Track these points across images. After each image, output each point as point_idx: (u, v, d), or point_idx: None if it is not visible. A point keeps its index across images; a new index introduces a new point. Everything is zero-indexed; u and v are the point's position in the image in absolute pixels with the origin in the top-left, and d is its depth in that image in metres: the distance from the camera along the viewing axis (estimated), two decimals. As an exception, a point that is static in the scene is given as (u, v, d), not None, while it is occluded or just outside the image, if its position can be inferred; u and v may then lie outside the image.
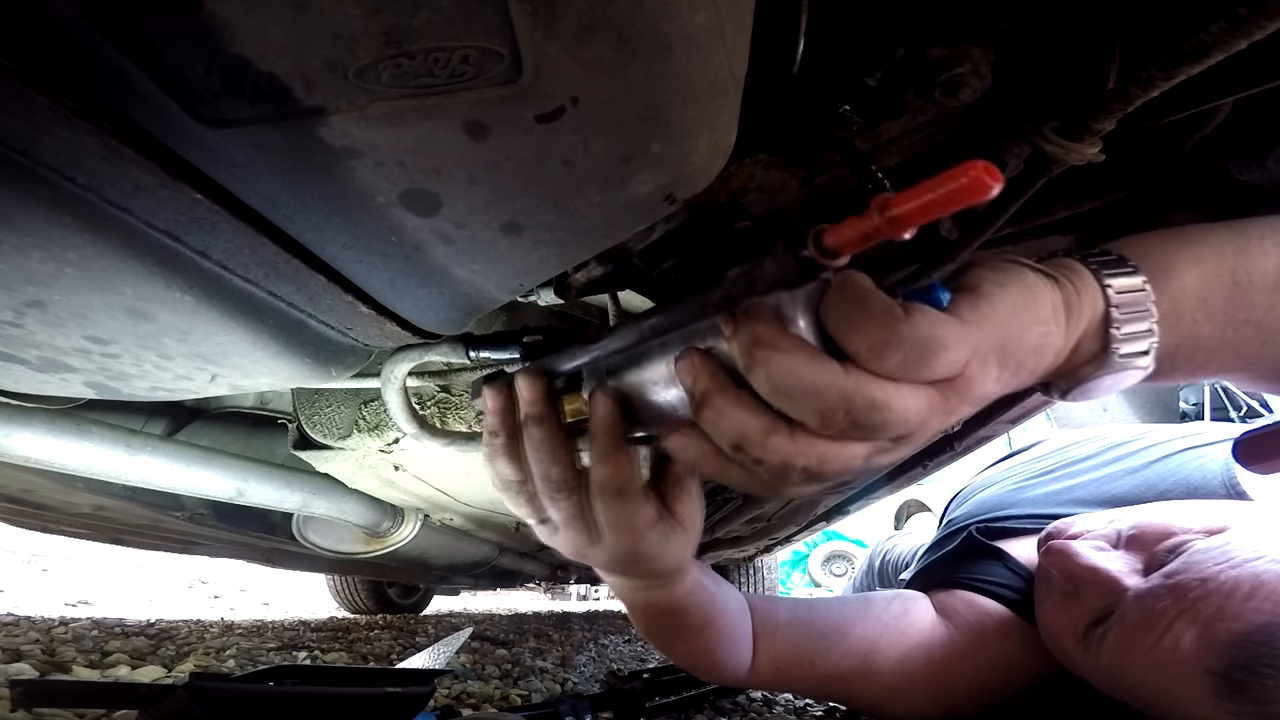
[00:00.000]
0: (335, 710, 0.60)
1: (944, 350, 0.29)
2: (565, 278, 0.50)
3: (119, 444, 0.76)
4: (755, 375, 0.30)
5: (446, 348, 0.57)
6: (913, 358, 0.28)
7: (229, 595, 3.99)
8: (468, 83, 0.24)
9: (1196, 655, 0.57)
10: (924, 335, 0.28)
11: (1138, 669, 0.62)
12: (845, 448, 0.31)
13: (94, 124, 0.26)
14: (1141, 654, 0.61)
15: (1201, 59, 0.32)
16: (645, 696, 0.91)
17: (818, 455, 0.30)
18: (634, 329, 0.37)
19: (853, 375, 0.29)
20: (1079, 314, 0.35)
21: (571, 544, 0.44)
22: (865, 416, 0.29)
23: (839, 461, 0.31)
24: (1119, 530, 0.72)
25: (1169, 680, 0.59)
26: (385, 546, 1.26)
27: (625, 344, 0.37)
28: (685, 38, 0.24)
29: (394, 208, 0.31)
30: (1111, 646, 0.64)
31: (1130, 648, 0.62)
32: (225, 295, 0.39)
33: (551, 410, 0.40)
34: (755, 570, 3.63)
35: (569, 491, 0.41)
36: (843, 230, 0.27)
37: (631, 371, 0.37)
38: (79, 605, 2.69)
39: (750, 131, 0.37)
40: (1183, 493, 0.83)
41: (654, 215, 0.35)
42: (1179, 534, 0.66)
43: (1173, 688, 0.59)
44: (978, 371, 0.31)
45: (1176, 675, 0.58)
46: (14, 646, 1.13)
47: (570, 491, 0.41)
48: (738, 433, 0.31)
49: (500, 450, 0.42)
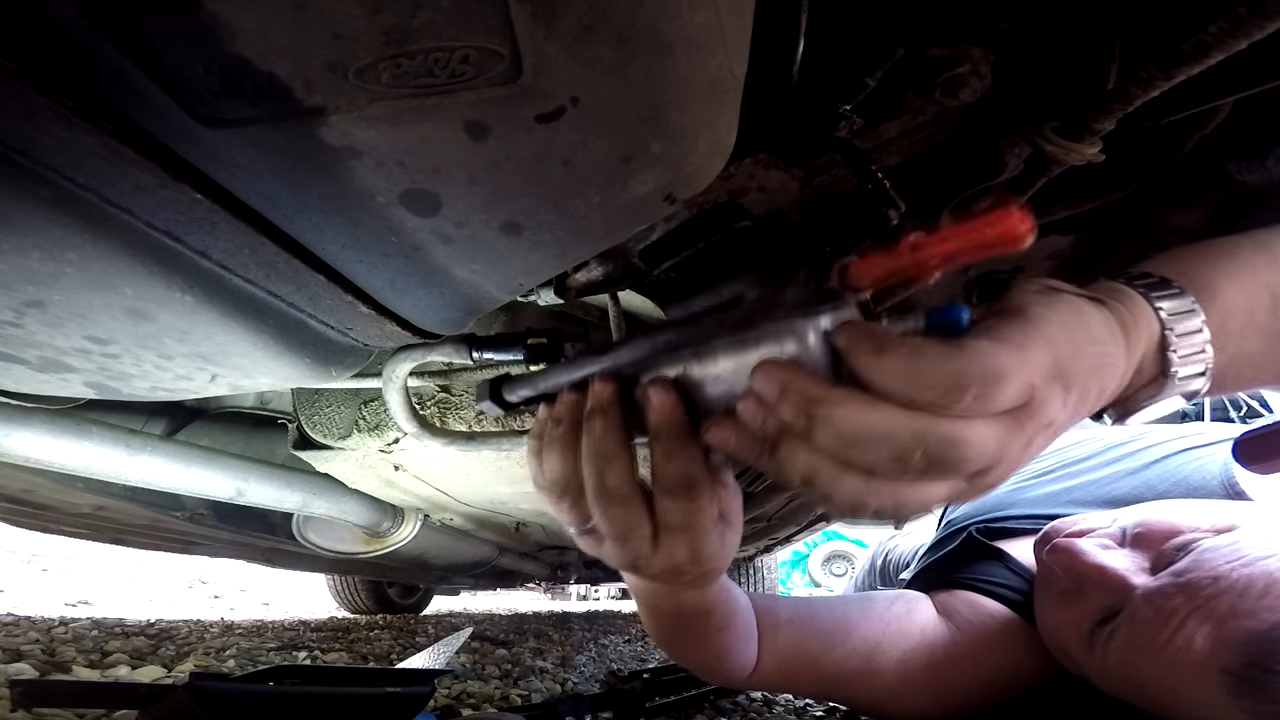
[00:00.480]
0: (335, 710, 0.60)
1: (1007, 379, 0.28)
2: (565, 278, 0.50)
3: (119, 444, 0.76)
4: (819, 433, 0.29)
5: (450, 348, 0.57)
6: (980, 393, 0.27)
7: (229, 595, 3.99)
8: (468, 83, 0.24)
9: (1210, 654, 0.56)
10: (986, 369, 0.27)
11: (1148, 668, 0.62)
12: (924, 489, 0.29)
13: (94, 124, 0.26)
14: (1152, 653, 0.60)
15: (1201, 59, 0.32)
16: (645, 696, 0.91)
17: (893, 498, 0.29)
18: (647, 343, 0.37)
19: (919, 416, 0.28)
20: (1137, 336, 0.35)
21: (625, 554, 0.40)
22: (944, 455, 0.28)
23: (917, 502, 0.30)
24: (1124, 528, 0.71)
25: (1181, 680, 0.59)
26: (385, 546, 1.26)
27: (641, 355, 0.37)
28: (685, 38, 0.24)
29: (394, 208, 0.31)
30: (1120, 645, 0.64)
31: (1140, 646, 0.62)
32: (225, 295, 0.39)
33: (620, 409, 0.38)
34: (755, 570, 3.64)
35: (625, 500, 0.38)
36: (870, 265, 0.27)
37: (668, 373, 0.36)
38: (79, 605, 2.69)
39: (750, 131, 0.37)
40: (1182, 493, 0.83)
41: (654, 215, 0.35)
42: (1186, 532, 0.66)
43: (1185, 687, 0.59)
44: (1044, 394, 0.30)
45: (1189, 674, 0.58)
46: (14, 646, 1.13)
47: (626, 499, 0.38)
48: (809, 471, 0.30)
49: (556, 442, 0.39)
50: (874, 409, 0.28)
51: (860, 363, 0.29)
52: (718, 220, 0.43)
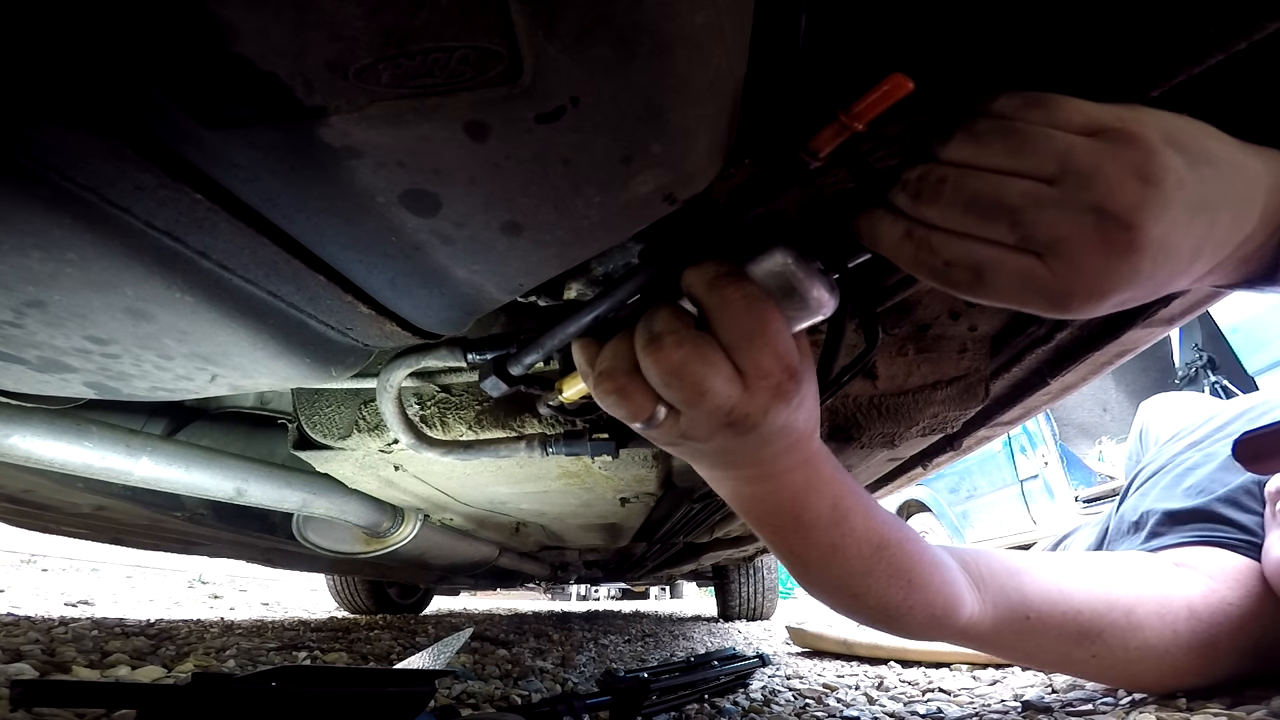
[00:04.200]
0: (336, 710, 0.60)
1: (1078, 107, 0.30)
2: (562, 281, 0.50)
3: (119, 444, 0.76)
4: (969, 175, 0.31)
5: (444, 351, 0.57)
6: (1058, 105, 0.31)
7: (229, 595, 3.99)
8: (467, 83, 0.24)
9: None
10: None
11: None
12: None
13: (94, 124, 0.26)
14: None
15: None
16: (642, 695, 0.90)
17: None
18: (645, 273, 0.38)
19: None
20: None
21: (712, 405, 0.37)
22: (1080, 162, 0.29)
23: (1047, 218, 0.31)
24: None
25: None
26: (385, 546, 1.26)
27: (643, 283, 0.38)
28: (685, 38, 0.24)
29: (394, 208, 0.31)
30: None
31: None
32: (225, 295, 0.39)
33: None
34: (755, 570, 3.64)
35: (682, 336, 0.36)
36: (820, 139, 0.34)
37: None
38: (79, 605, 2.69)
39: (750, 131, 0.37)
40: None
41: (654, 215, 0.35)
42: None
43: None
44: (1150, 135, 0.30)
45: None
46: (14, 646, 1.13)
47: (680, 337, 0.36)
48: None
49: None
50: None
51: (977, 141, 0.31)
52: (718, 219, 0.42)
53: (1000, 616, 0.66)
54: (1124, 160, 0.29)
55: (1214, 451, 1.01)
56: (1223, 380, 2.84)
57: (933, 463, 1.07)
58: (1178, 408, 1.45)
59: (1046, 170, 0.30)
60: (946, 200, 0.32)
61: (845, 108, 0.32)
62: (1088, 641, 0.71)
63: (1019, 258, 0.31)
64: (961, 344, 0.67)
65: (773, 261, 0.36)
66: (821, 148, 0.34)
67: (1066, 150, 0.30)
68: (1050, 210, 0.30)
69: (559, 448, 0.67)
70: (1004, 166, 0.31)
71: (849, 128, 0.33)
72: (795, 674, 1.48)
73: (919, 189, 0.33)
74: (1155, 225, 0.29)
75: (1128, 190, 0.29)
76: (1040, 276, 0.31)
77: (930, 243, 0.33)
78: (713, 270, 0.37)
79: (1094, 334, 0.72)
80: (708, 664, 1.16)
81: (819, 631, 1.96)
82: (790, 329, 0.38)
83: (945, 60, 0.37)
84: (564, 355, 0.41)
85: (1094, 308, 0.32)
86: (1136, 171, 0.29)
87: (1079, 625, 0.70)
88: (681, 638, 2.55)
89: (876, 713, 1.01)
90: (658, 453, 0.87)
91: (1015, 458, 3.76)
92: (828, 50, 0.36)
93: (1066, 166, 0.30)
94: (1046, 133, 0.30)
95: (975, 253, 0.32)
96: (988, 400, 0.73)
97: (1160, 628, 0.72)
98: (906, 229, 0.34)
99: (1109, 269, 0.30)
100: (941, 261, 0.33)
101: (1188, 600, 0.74)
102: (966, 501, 4.28)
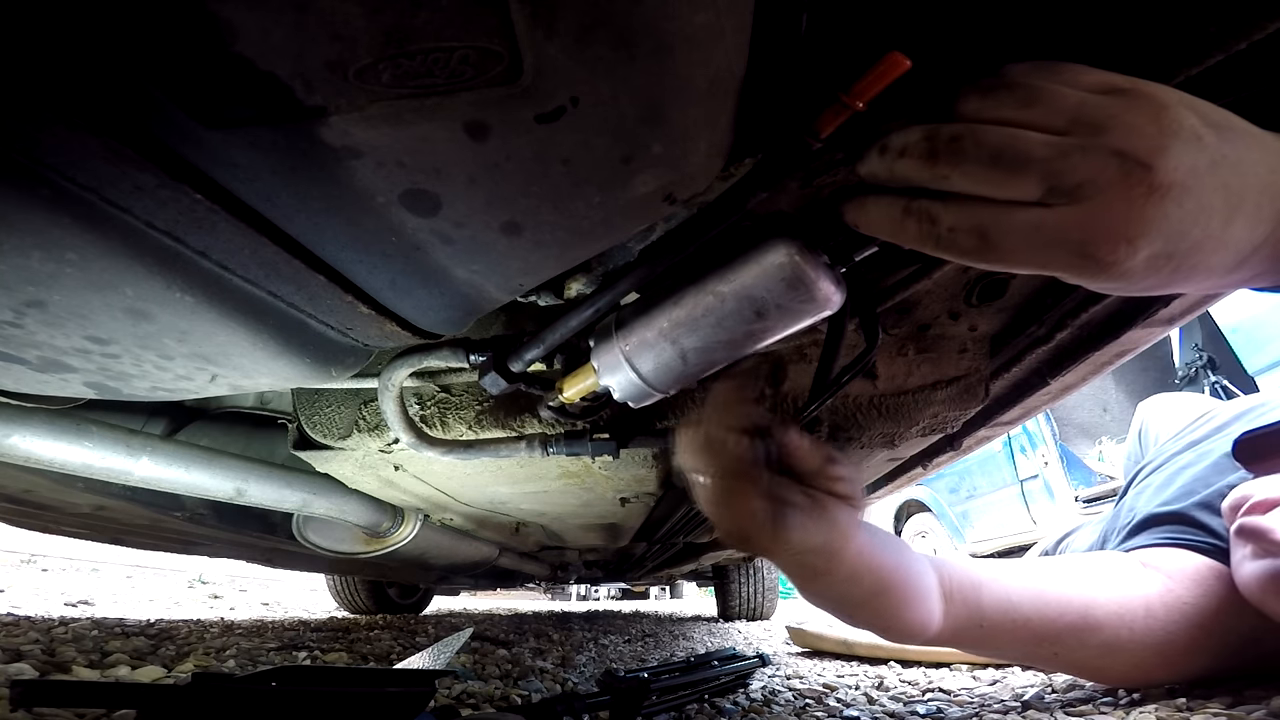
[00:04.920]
0: (336, 710, 0.60)
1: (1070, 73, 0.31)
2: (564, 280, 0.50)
3: (119, 444, 0.76)
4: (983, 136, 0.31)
5: (447, 351, 0.56)
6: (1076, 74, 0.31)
7: (229, 595, 3.99)
8: (467, 83, 0.24)
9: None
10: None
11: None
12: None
13: (94, 124, 0.26)
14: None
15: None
16: (642, 696, 0.90)
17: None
18: (644, 269, 0.38)
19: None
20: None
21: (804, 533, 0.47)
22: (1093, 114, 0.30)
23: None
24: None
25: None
26: (385, 546, 1.26)
27: (642, 278, 0.39)
28: (685, 38, 0.24)
29: (394, 208, 0.31)
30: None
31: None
32: (225, 295, 0.39)
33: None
34: (755, 570, 3.64)
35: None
36: (824, 121, 0.35)
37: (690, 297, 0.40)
38: (79, 605, 2.69)
39: (750, 131, 0.37)
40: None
41: (654, 215, 0.35)
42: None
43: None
44: (1164, 94, 0.30)
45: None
46: (14, 646, 1.13)
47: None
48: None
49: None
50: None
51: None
52: (718, 219, 0.43)
53: (959, 627, 0.72)
54: (1138, 109, 0.30)
55: (1209, 450, 1.01)
56: (1223, 380, 2.84)
57: (933, 463, 1.07)
58: (1177, 408, 1.45)
59: (1058, 122, 0.30)
60: (971, 157, 0.31)
61: (845, 89, 0.33)
62: (1046, 643, 0.76)
63: (1027, 211, 0.31)
64: (961, 344, 0.67)
65: None
66: (823, 129, 0.35)
67: (1079, 104, 0.30)
68: (1075, 156, 0.30)
69: (559, 448, 0.67)
70: (1016, 119, 0.31)
71: (850, 107, 0.33)
72: (795, 674, 1.48)
73: (933, 149, 0.32)
74: (1175, 167, 0.29)
75: (1146, 134, 0.29)
76: (1057, 227, 0.31)
77: (930, 213, 0.33)
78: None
79: (1094, 334, 0.71)
80: (708, 664, 1.16)
81: (819, 631, 1.96)
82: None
83: (945, 60, 0.37)
84: (566, 355, 0.41)
85: (1124, 261, 0.31)
86: (1152, 119, 0.30)
87: (1030, 631, 0.75)
88: (681, 638, 2.55)
89: (876, 712, 1.01)
90: (658, 452, 0.87)
91: (1015, 458, 3.76)
92: (827, 41, 0.36)
93: (1080, 117, 0.30)
94: (1059, 89, 0.31)
95: (978, 214, 0.32)
96: (988, 400, 0.73)
97: (1118, 626, 0.75)
98: (905, 205, 0.34)
99: (1134, 213, 0.30)
100: (945, 229, 0.33)
101: (1145, 599, 0.77)
102: (966, 501, 4.28)
